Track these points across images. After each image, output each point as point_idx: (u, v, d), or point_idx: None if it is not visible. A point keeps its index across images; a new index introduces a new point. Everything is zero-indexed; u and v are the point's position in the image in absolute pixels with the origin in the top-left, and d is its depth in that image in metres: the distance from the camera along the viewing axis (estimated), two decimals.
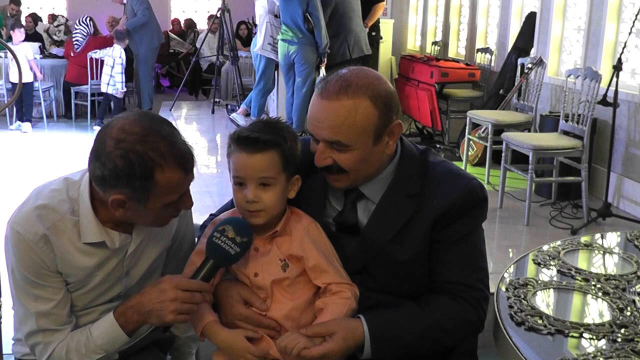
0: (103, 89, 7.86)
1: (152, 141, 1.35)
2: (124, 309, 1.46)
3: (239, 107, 7.72)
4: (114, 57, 7.76)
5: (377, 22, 7.27)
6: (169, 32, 11.59)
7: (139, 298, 1.44)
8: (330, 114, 1.43)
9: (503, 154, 4.67)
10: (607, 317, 1.38)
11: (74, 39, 8.23)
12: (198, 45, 9.77)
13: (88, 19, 8.33)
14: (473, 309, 1.49)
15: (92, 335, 1.47)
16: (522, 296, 1.44)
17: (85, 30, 8.19)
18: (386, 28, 8.28)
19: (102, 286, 1.52)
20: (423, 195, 1.51)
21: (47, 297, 1.45)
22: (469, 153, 5.75)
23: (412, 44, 10.04)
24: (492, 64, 6.80)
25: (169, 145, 1.36)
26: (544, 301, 1.46)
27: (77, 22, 8.50)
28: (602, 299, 1.46)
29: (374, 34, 7.20)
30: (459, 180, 1.53)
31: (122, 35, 7.91)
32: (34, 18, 10.20)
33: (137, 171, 1.33)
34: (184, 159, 1.39)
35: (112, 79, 7.78)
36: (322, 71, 6.13)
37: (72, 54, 8.19)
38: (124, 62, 7.84)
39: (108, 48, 7.83)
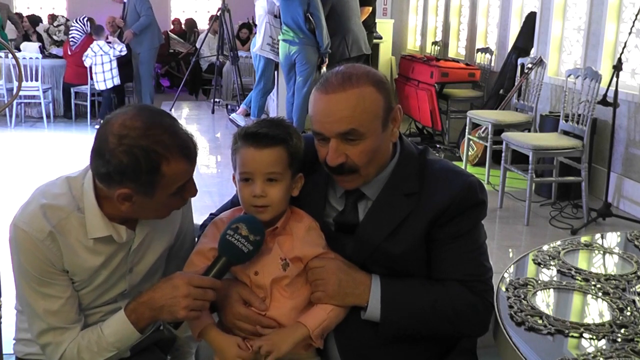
0: (102, 87, 7.87)
1: (155, 134, 1.35)
2: (136, 306, 1.45)
3: (239, 107, 7.72)
4: (103, 54, 7.79)
5: (372, 23, 7.25)
6: (169, 32, 11.58)
7: (151, 294, 1.44)
8: (340, 105, 1.44)
9: (503, 154, 4.68)
10: (607, 317, 1.38)
11: (70, 37, 8.23)
12: (198, 45, 9.77)
13: (86, 19, 8.33)
14: (480, 298, 1.49)
15: (104, 333, 1.46)
16: (522, 296, 1.44)
17: (82, 29, 8.19)
18: (386, 28, 8.28)
19: (106, 284, 1.52)
20: (421, 193, 1.51)
21: (55, 295, 1.45)
22: (469, 153, 5.75)
23: (412, 44, 10.04)
24: (492, 64, 6.80)
25: (171, 137, 1.37)
26: (544, 301, 1.46)
27: (75, 20, 8.50)
28: (602, 299, 1.45)
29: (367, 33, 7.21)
30: (458, 177, 1.52)
31: (101, 30, 7.99)
32: (34, 18, 10.19)
33: (143, 166, 1.34)
34: (188, 149, 1.40)
35: (112, 72, 7.87)
36: (324, 71, 6.14)
37: (69, 52, 8.19)
38: (114, 55, 7.93)
39: (97, 48, 7.83)
